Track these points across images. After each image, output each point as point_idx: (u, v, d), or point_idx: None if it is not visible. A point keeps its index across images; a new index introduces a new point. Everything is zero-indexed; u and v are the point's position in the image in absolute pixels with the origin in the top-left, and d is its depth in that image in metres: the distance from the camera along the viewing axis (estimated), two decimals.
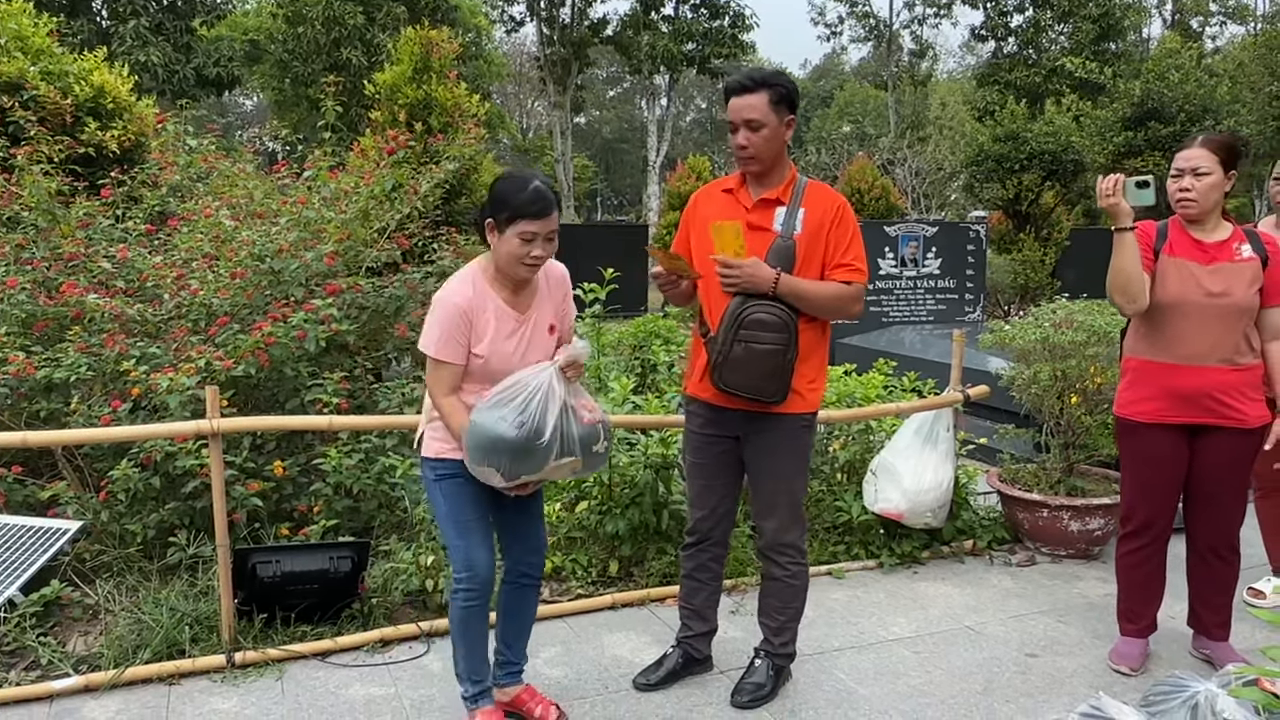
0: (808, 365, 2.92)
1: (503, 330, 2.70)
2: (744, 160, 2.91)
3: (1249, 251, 3.17)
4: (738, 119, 2.85)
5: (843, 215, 2.92)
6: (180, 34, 19.27)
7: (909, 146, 22.23)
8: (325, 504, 3.90)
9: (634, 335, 6.04)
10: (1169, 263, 3.18)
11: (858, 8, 33.13)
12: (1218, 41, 34.52)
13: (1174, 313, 3.16)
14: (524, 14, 27.80)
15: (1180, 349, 3.16)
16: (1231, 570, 3.35)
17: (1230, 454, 3.20)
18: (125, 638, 3.34)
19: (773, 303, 2.79)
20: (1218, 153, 3.13)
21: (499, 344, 2.69)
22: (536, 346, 2.77)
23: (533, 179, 2.66)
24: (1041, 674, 3.37)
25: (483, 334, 2.67)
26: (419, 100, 7.01)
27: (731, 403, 2.91)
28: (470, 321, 2.65)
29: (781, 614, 3.15)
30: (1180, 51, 13.52)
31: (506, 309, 2.72)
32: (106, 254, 4.61)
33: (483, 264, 2.75)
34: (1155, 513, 3.31)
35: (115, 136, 6.27)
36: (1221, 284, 3.12)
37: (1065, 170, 13.70)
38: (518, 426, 2.53)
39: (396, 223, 5.12)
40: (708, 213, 3.00)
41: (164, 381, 3.75)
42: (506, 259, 2.64)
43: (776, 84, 2.84)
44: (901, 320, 8.67)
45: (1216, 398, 3.14)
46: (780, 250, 2.84)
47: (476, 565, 2.73)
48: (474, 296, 2.67)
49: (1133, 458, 3.35)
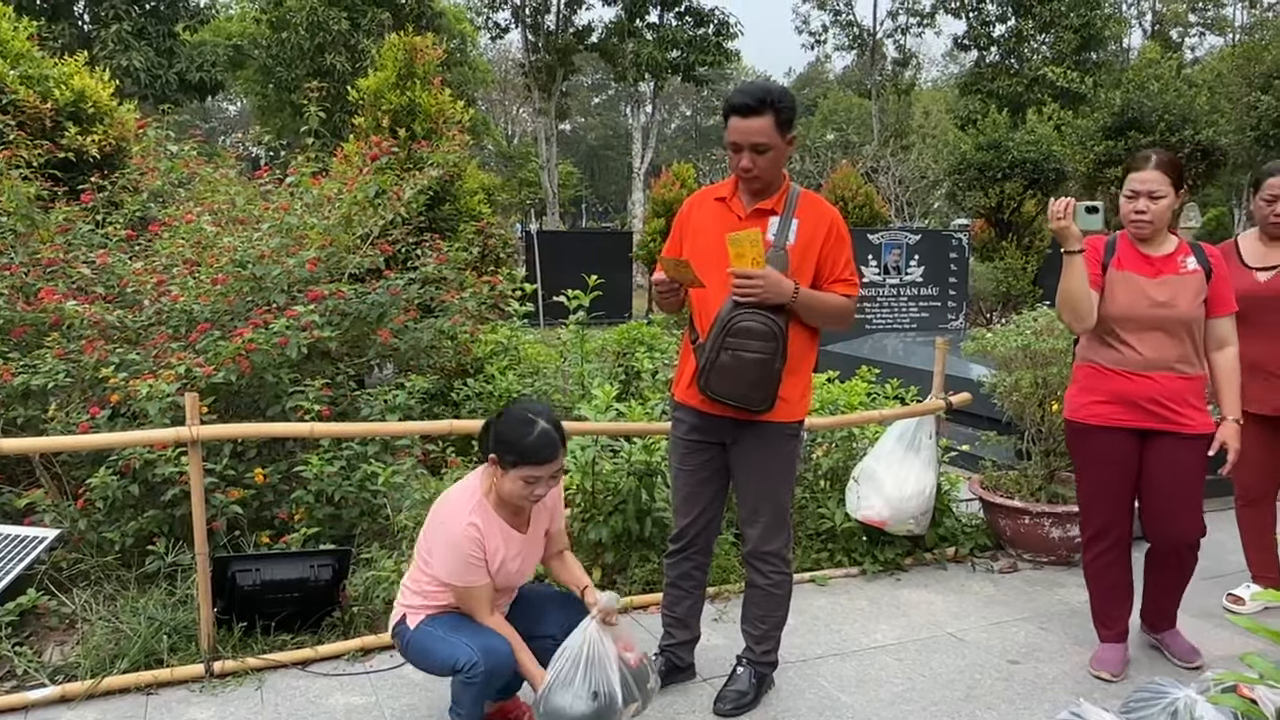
0: (796, 374, 2.93)
1: (510, 552, 2.77)
2: (748, 181, 2.90)
3: (1194, 264, 3.28)
4: (743, 142, 2.81)
5: (840, 231, 2.95)
6: (163, 39, 19.16)
7: (892, 154, 22.33)
8: (306, 511, 3.88)
9: (618, 342, 6.04)
10: (1117, 276, 3.28)
11: (841, 16, 33.27)
12: (1197, 52, 34.96)
13: (1122, 323, 3.26)
14: (509, 21, 27.75)
15: (1129, 358, 3.26)
16: (1184, 570, 3.43)
17: (1177, 458, 3.27)
18: (102, 647, 3.30)
19: (763, 311, 2.79)
20: (1170, 174, 3.22)
21: (505, 565, 2.76)
22: (533, 555, 2.88)
23: (539, 419, 2.67)
24: (1023, 681, 3.38)
25: (493, 558, 2.73)
26: (403, 106, 6.99)
27: (718, 410, 2.91)
28: (484, 548, 2.70)
29: (764, 622, 3.15)
30: (1160, 62, 13.65)
31: (511, 531, 2.78)
32: (86, 259, 4.57)
33: (485, 484, 2.77)
34: (1113, 515, 3.38)
35: (96, 141, 6.22)
36: (1167, 295, 3.22)
37: (1047, 179, 13.80)
38: (592, 699, 2.61)
39: (380, 229, 5.10)
40: (701, 221, 3.01)
41: (143, 388, 3.72)
42: (510, 494, 2.70)
43: (782, 105, 2.79)
44: (885, 327, 8.71)
45: (1163, 404, 3.23)
46: (773, 259, 2.84)
47: (495, 649, 2.64)
48: (484, 525, 2.70)
49: (1085, 461, 3.42)
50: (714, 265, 2.85)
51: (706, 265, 2.88)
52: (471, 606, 2.73)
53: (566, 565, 3.01)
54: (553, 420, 2.70)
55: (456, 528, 2.67)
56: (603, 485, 4.12)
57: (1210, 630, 3.75)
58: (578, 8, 26.98)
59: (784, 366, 2.83)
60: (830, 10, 33.29)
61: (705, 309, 2.91)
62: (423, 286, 4.98)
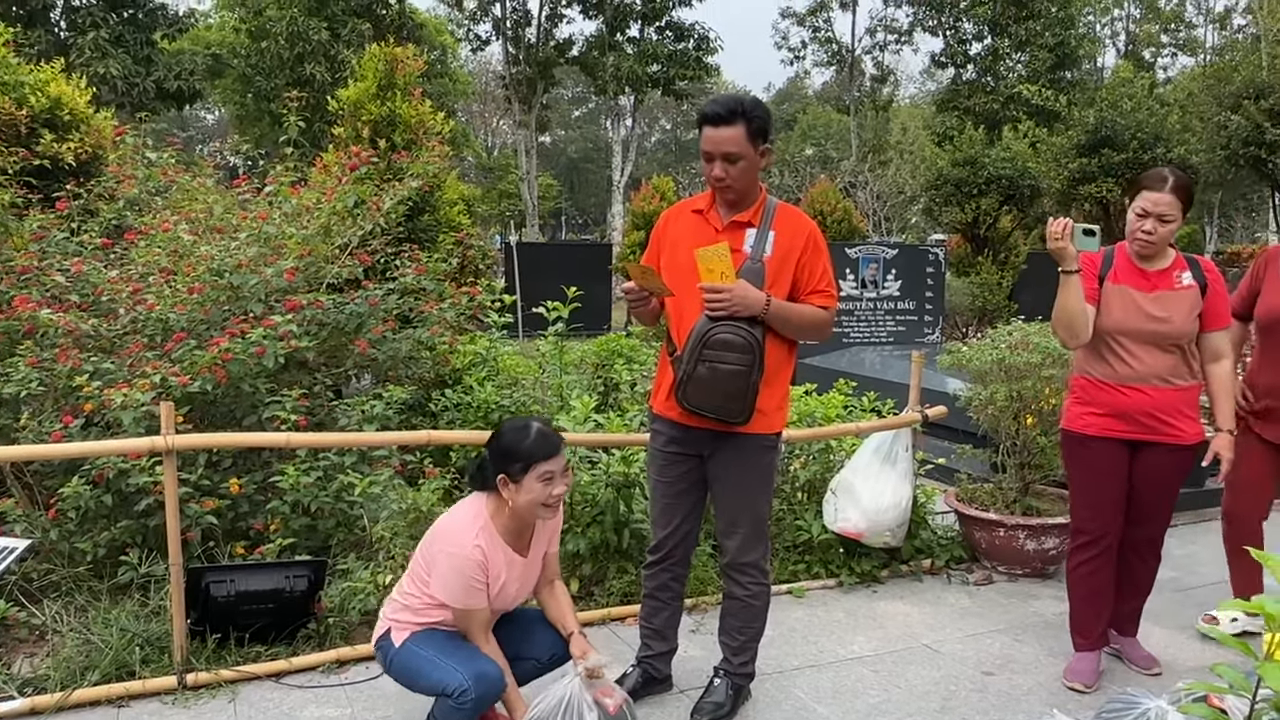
0: (773, 387, 2.94)
1: (511, 576, 2.77)
2: (721, 190, 2.91)
3: (1189, 279, 3.32)
4: (715, 151, 2.82)
5: (817, 243, 2.97)
6: (141, 46, 19.04)
7: (870, 170, 22.52)
8: (282, 522, 3.85)
9: (597, 354, 6.04)
10: (1113, 290, 3.32)
11: (820, 33, 33.54)
12: (1169, 72, 35.48)
13: (1117, 337, 3.31)
14: (490, 33, 27.79)
15: (1123, 370, 3.30)
16: (1149, 571, 3.52)
17: (1166, 468, 3.35)
18: (73, 659, 3.26)
19: (739, 324, 2.80)
20: (1182, 199, 3.25)
21: (504, 589, 2.75)
22: (531, 578, 2.88)
23: (530, 421, 2.71)
24: (998, 692, 3.40)
25: (494, 583, 2.72)
26: (383, 117, 6.97)
27: (696, 422, 2.92)
28: (486, 571, 2.69)
29: (742, 634, 3.15)
30: (1133, 81, 13.87)
31: (515, 556, 2.78)
32: (60, 267, 4.53)
33: (489, 510, 2.75)
34: (1105, 524, 3.41)
35: (72, 149, 6.17)
36: (1162, 310, 3.27)
37: (1022, 195, 13.95)
38: None
39: (359, 239, 5.08)
40: (678, 233, 3.02)
41: (118, 397, 3.69)
42: (529, 506, 2.67)
43: (754, 115, 2.81)
44: (862, 341, 8.76)
45: (1156, 416, 3.29)
46: (750, 272, 2.86)
47: (487, 674, 2.62)
48: (488, 549, 2.69)
49: (1080, 470, 3.45)
50: (691, 278, 2.86)
51: (683, 278, 2.90)
52: (466, 628, 2.72)
53: (556, 599, 2.97)
54: (543, 421, 2.74)
55: (462, 549, 2.65)
56: (581, 496, 4.12)
57: (1182, 642, 3.79)
58: (559, 21, 27.07)
59: (761, 378, 2.84)
60: (809, 27, 33.55)
61: (682, 321, 2.92)
62: (401, 297, 4.97)
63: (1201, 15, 35.86)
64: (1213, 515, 5.42)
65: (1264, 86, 11.85)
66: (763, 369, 2.84)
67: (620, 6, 26.04)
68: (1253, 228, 34.54)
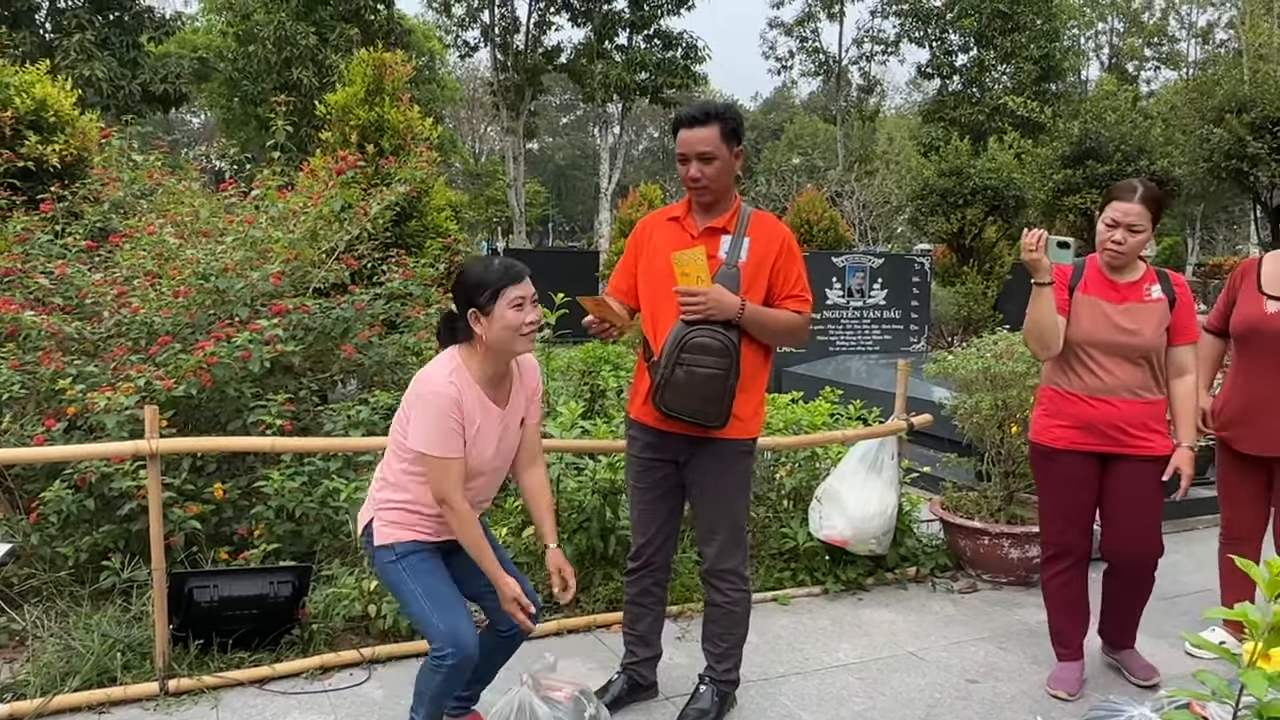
0: (749, 391, 2.96)
1: (486, 425, 2.66)
2: (696, 191, 2.95)
3: (1158, 292, 3.33)
4: (690, 152, 2.89)
5: (791, 248, 3.01)
6: (127, 49, 18.93)
7: (857, 179, 22.60)
8: (266, 527, 3.83)
9: (583, 360, 6.04)
10: (1082, 300, 3.34)
11: (808, 43, 33.68)
12: (1152, 85, 35.84)
13: (1085, 347, 3.31)
14: (478, 40, 27.76)
15: (1091, 382, 3.30)
16: (1143, 590, 3.48)
17: (1137, 480, 3.32)
18: (53, 665, 3.23)
19: (716, 328, 2.83)
20: (1152, 210, 3.26)
21: (479, 441, 2.65)
22: (509, 443, 2.77)
23: (491, 257, 2.66)
24: (982, 700, 3.41)
25: (469, 425, 2.62)
26: (370, 122, 6.97)
27: (673, 426, 2.94)
28: (461, 411, 2.59)
29: (724, 640, 3.16)
30: (1116, 94, 13.98)
31: (489, 404, 2.67)
32: (44, 270, 4.50)
33: (462, 354, 2.67)
34: (1074, 536, 3.42)
35: (56, 151, 6.14)
36: (1132, 322, 3.27)
37: (1007, 205, 14.02)
38: None
39: (345, 244, 5.07)
40: (655, 241, 3.05)
41: (101, 401, 3.67)
42: (504, 335, 2.59)
43: (727, 117, 2.89)
44: (848, 349, 8.78)
45: (1123, 429, 3.28)
46: (725, 277, 2.90)
47: (464, 641, 2.58)
48: (462, 387, 2.61)
49: (1048, 482, 3.46)
50: (668, 283, 2.91)
51: (660, 284, 2.94)
52: (445, 488, 2.57)
53: (536, 495, 2.86)
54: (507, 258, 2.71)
55: (436, 387, 2.56)
56: (567, 503, 4.12)
57: (1165, 650, 3.81)
58: (547, 28, 27.06)
59: (737, 383, 2.87)
60: (797, 37, 33.70)
61: (659, 327, 2.95)
62: (388, 302, 4.96)
63: (1184, 29, 36.25)
64: (1193, 525, 5.48)
65: (1246, 100, 11.98)
66: (739, 373, 2.87)
67: (609, 14, 26.08)
68: (1234, 240, 34.87)
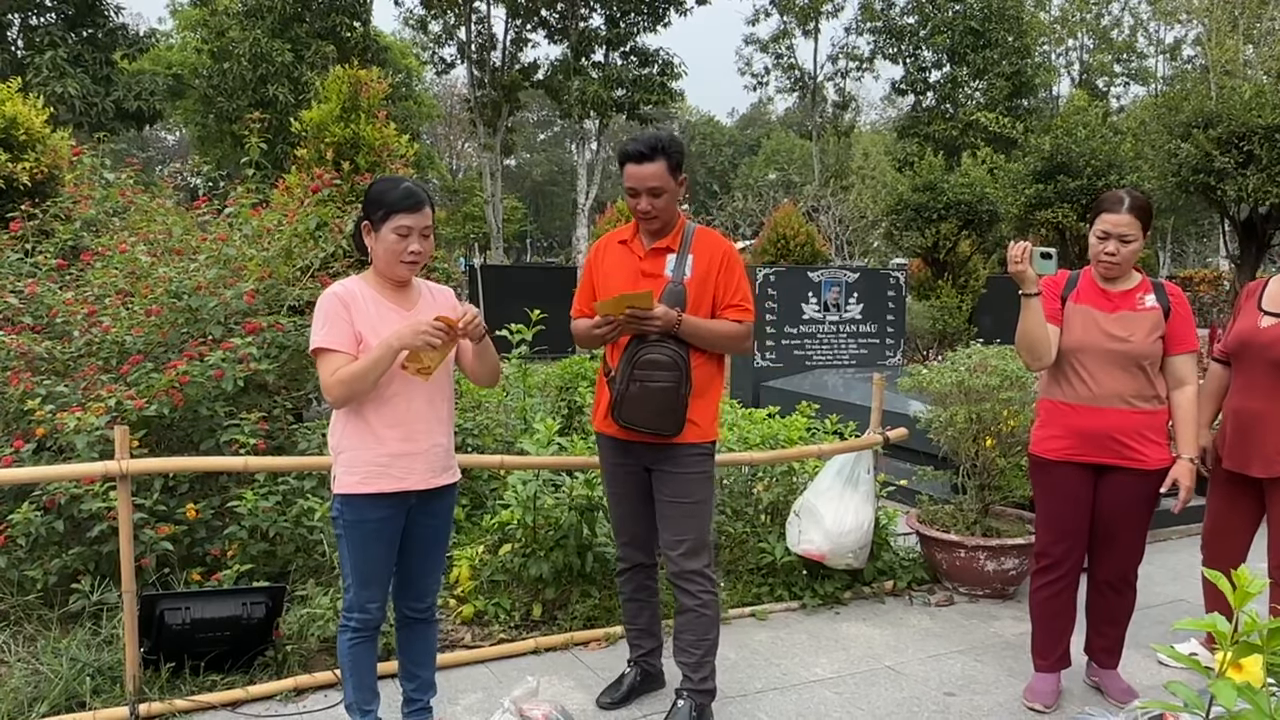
0: (704, 398, 3.12)
1: (387, 317, 2.73)
2: (647, 222, 3.12)
3: (1152, 301, 3.35)
4: (640, 186, 3.05)
5: (730, 260, 3.16)
6: (100, 66, 18.85)
7: (832, 194, 22.80)
8: (240, 548, 3.79)
9: (560, 376, 6.03)
10: (1074, 309, 3.36)
11: (783, 60, 33.93)
12: (1121, 101, 36.33)
13: (1078, 356, 3.33)
14: (454, 56, 27.78)
15: (1083, 391, 3.32)
16: (1124, 602, 3.49)
17: (1130, 493, 3.33)
18: (21, 690, 3.18)
19: (666, 343, 2.99)
20: (1141, 219, 3.29)
21: (382, 328, 2.68)
22: None
23: (404, 180, 2.77)
24: (959, 713, 3.42)
25: (359, 319, 2.70)
26: (346, 139, 6.94)
27: (633, 436, 3.10)
28: (349, 308, 2.70)
29: (698, 648, 3.18)
30: (1087, 109, 14.14)
31: (389, 304, 2.77)
32: (14, 289, 4.46)
33: (364, 274, 2.83)
34: (1068, 548, 3.42)
35: (27, 168, 6.09)
36: (1123, 330, 3.29)
37: (980, 220, 14.18)
38: None
39: (320, 261, 5.05)
40: (609, 264, 3.24)
41: (71, 421, 3.63)
42: (385, 256, 2.72)
43: (671, 151, 3.04)
44: (824, 364, 8.81)
45: (1117, 439, 3.29)
46: (672, 294, 3.06)
47: (370, 610, 2.80)
48: (353, 289, 2.74)
49: (1045, 494, 3.47)
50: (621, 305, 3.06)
51: None
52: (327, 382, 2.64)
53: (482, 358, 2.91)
54: (418, 184, 2.79)
55: (324, 294, 2.73)
56: (544, 520, 4.10)
57: (1138, 660, 3.83)
58: (524, 45, 27.13)
59: (690, 392, 3.02)
60: (772, 54, 33.95)
61: (615, 344, 3.12)
62: None
63: (1152, 46, 36.81)
64: (1166, 535, 5.53)
65: (1212, 116, 12.13)
66: (691, 384, 3.02)
67: (585, 32, 26.18)
68: (1204, 252, 35.36)
